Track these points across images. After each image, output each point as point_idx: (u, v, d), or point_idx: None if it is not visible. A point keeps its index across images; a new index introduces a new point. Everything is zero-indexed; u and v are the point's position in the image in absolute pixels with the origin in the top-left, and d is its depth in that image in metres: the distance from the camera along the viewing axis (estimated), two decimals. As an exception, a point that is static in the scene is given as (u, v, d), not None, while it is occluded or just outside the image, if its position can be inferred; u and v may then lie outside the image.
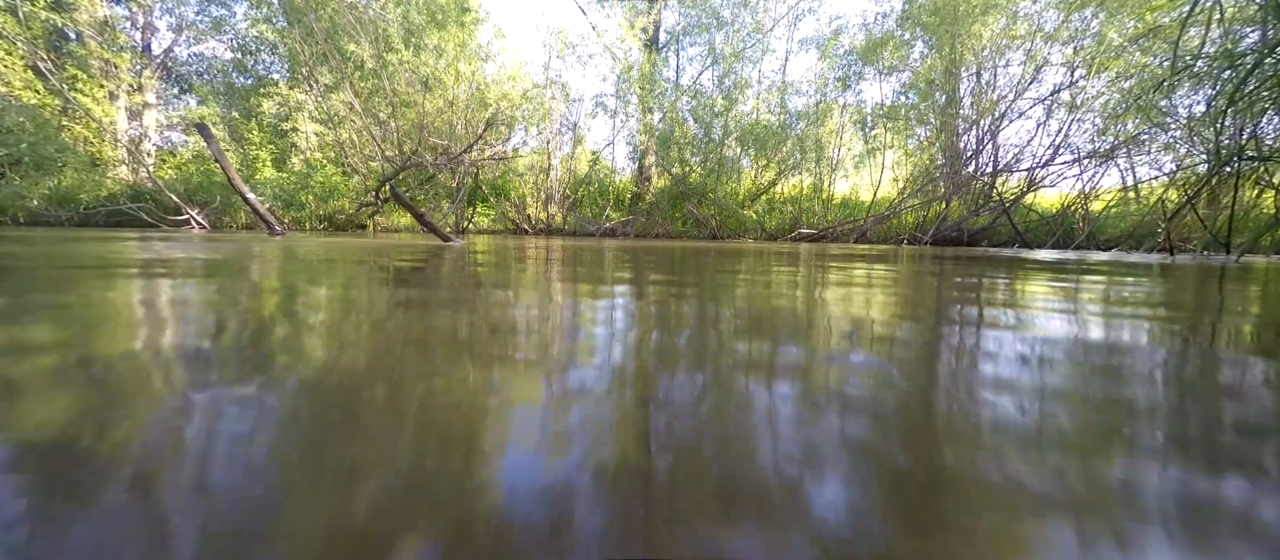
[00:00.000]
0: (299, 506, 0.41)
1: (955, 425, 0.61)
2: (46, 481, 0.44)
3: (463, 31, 11.07)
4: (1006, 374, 0.83)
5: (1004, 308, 1.59)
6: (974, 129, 10.05)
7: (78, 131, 11.95)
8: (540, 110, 11.70)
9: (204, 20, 14.07)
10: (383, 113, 10.86)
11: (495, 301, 1.54)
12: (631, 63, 12.34)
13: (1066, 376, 0.84)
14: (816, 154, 11.64)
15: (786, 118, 12.06)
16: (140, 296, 1.51)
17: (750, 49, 12.31)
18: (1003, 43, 9.61)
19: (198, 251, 3.49)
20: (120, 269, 2.20)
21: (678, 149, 11.79)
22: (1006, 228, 8.93)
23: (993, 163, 9.85)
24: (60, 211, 9.84)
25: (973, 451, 0.53)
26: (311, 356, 0.87)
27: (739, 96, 11.89)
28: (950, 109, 10.12)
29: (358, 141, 11.33)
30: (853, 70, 11.35)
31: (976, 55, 9.74)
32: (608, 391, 0.71)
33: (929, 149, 10.83)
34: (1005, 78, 10.03)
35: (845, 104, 11.75)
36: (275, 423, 0.58)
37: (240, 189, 6.60)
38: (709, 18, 12.44)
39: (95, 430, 0.55)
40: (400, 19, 10.77)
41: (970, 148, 10.16)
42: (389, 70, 10.39)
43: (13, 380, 0.71)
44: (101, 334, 1.01)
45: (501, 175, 12.37)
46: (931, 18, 9.67)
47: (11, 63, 10.92)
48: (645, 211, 11.96)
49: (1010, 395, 0.71)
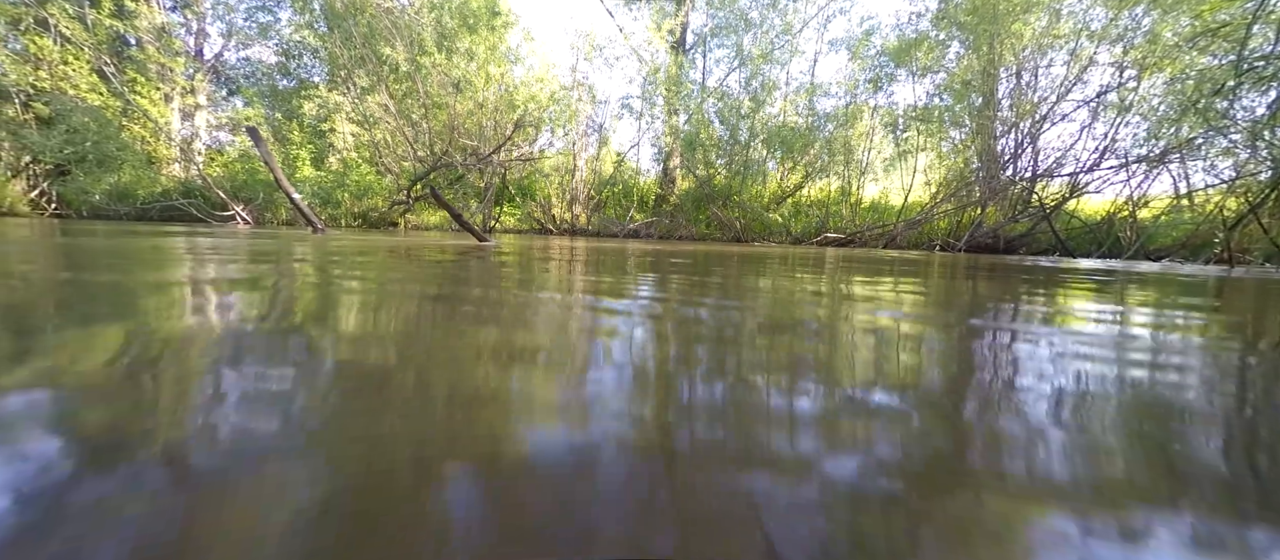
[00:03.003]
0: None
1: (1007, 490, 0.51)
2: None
3: (493, 35, 11.31)
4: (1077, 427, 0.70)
5: (1062, 329, 1.52)
6: (1012, 132, 9.68)
7: (136, 131, 12.71)
8: (567, 112, 11.85)
9: (252, 26, 14.80)
10: (416, 114, 11.19)
11: (549, 286, 1.59)
12: (658, 65, 12.37)
13: (1129, 424, 0.72)
14: (845, 157, 11.41)
15: (814, 120, 11.87)
16: (286, 279, 1.65)
17: (778, 50, 12.16)
18: (1045, 42, 9.23)
19: (269, 246, 3.69)
20: (253, 258, 2.36)
21: (703, 151, 11.74)
22: (1047, 235, 8.56)
23: (1032, 167, 9.46)
24: (119, 206, 10.50)
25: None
26: (447, 325, 1.20)
27: (766, 98, 11.77)
28: (987, 111, 9.77)
29: (391, 142, 11.70)
30: (884, 72, 11.09)
31: (1017, 55, 9.38)
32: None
33: (964, 152, 10.48)
34: (1047, 78, 9.62)
35: (876, 106, 11.49)
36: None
37: (288, 190, 6.90)
38: (737, 19, 12.36)
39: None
40: (434, 23, 11.08)
41: (1008, 151, 9.78)
42: (422, 73, 10.70)
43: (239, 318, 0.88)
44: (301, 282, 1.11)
45: (528, 176, 12.56)
46: (969, 17, 9.36)
47: (79, 67, 11.72)
48: (669, 213, 11.95)
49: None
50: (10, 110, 11.08)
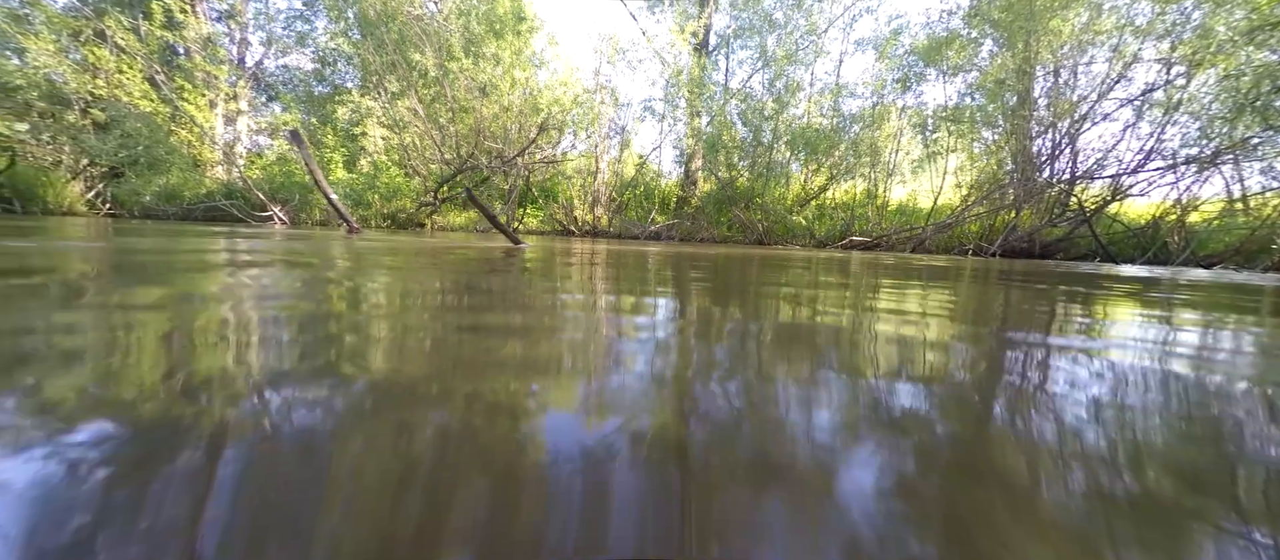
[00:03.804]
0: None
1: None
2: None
3: (518, 39, 11.51)
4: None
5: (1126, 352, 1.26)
6: (1050, 132, 9.32)
7: (183, 136, 13.37)
8: (590, 115, 11.96)
9: (289, 34, 15.42)
10: (443, 118, 11.46)
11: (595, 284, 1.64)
12: (680, 67, 12.37)
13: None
14: (871, 158, 11.18)
15: (840, 121, 11.68)
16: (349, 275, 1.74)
17: (803, 51, 12.01)
18: (1085, 39, 8.86)
19: (318, 249, 3.84)
20: (324, 259, 2.48)
21: (725, 153, 11.68)
22: (1086, 240, 8.21)
23: (1071, 168, 9.10)
24: (167, 206, 11.07)
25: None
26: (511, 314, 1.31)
27: (790, 99, 11.63)
28: (1023, 110, 9.44)
29: (419, 145, 12.01)
30: (913, 71, 10.84)
31: (1054, 53, 9.03)
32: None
33: (997, 153, 10.15)
34: (1087, 76, 9.25)
35: (904, 106, 11.23)
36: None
37: (326, 193, 7.15)
38: (760, 20, 12.26)
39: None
40: (461, 29, 11.34)
41: (1045, 152, 9.43)
42: (450, 78, 10.95)
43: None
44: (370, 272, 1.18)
45: (550, 178, 12.71)
46: (1003, 14, 9.07)
47: (132, 75, 12.42)
48: (690, 215, 11.92)
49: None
50: (71, 116, 11.81)
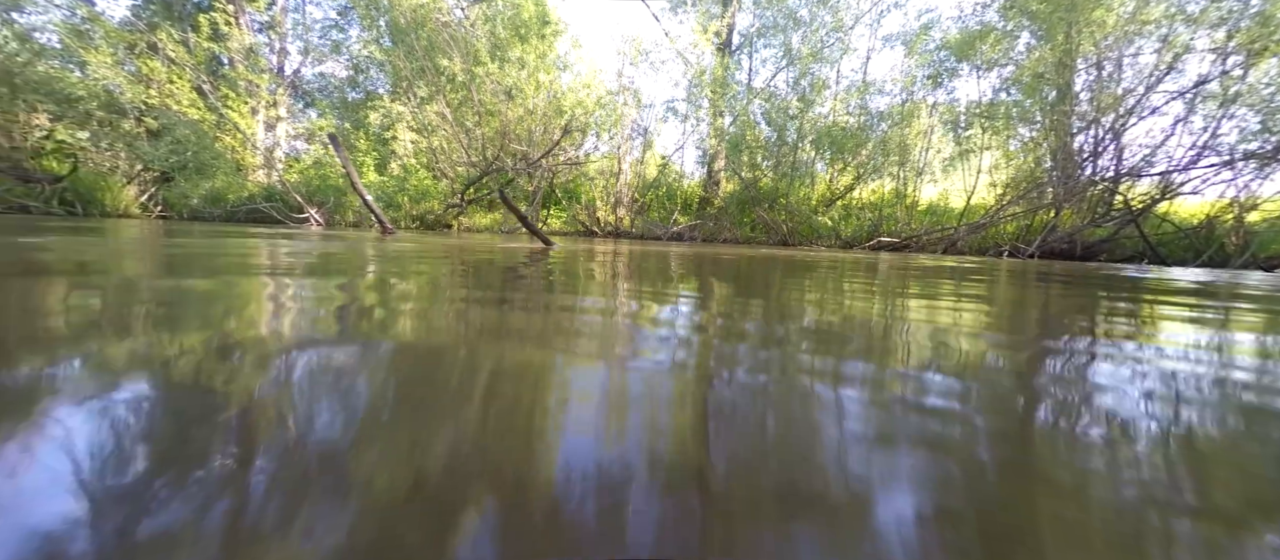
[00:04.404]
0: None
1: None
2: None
3: (543, 43, 11.67)
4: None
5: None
6: (1092, 128, 8.91)
7: (227, 141, 14.05)
8: (612, 116, 12.02)
9: (325, 43, 16.04)
10: (469, 121, 11.71)
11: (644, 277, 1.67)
12: (703, 67, 12.32)
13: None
14: (900, 157, 10.89)
15: (867, 119, 11.43)
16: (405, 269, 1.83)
17: (829, 49, 11.81)
18: (1131, 29, 8.43)
19: (364, 248, 4.00)
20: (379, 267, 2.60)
21: (749, 152, 11.57)
22: (1133, 240, 7.81)
23: (1115, 165, 8.67)
24: (213, 209, 11.64)
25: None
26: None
27: (815, 98, 11.44)
28: (1063, 105, 9.04)
29: (447, 148, 12.30)
30: (945, 67, 10.52)
31: (1098, 44, 8.63)
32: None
33: (1034, 150, 9.75)
34: (1133, 69, 8.79)
35: (935, 103, 10.91)
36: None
37: (363, 195, 7.41)
38: (785, 18, 12.11)
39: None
40: (488, 34, 11.58)
41: (1087, 149, 9.01)
42: (477, 82, 11.19)
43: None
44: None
45: (573, 179, 12.84)
46: (1042, 5, 8.71)
47: (181, 85, 13.13)
48: (713, 216, 11.85)
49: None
50: (127, 125, 12.55)
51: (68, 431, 0.57)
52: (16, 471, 0.48)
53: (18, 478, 0.47)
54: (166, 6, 14.93)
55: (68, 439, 0.55)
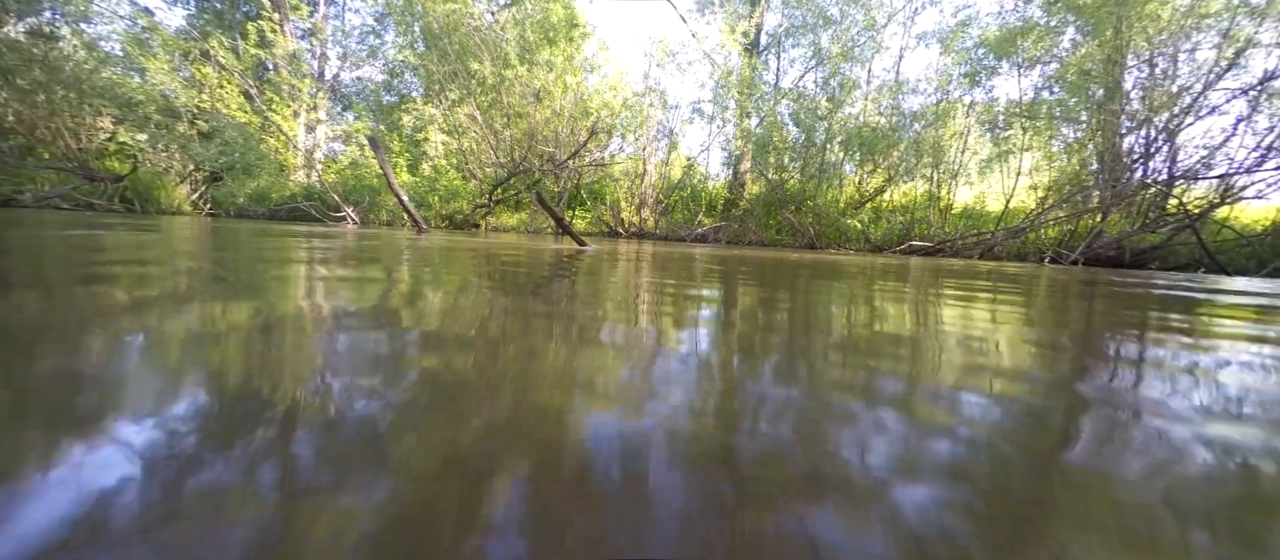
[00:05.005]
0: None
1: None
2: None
3: (570, 46, 11.82)
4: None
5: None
6: (1144, 128, 8.44)
7: (271, 143, 14.73)
8: (638, 117, 12.07)
9: (363, 48, 16.64)
10: (498, 123, 11.95)
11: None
12: (730, 68, 12.24)
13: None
14: (934, 158, 10.57)
15: (899, 119, 11.13)
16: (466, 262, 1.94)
17: (860, 48, 11.56)
18: (1188, 23, 7.96)
19: (402, 245, 4.16)
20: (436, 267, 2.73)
21: (775, 154, 11.43)
22: (1188, 247, 7.36)
23: (1169, 168, 8.20)
24: (257, 207, 12.22)
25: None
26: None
27: (845, 98, 11.22)
28: (1111, 104, 8.60)
29: (476, 149, 12.59)
30: (983, 64, 10.16)
31: (1150, 40, 8.18)
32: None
33: (1079, 152, 9.31)
34: (1190, 65, 8.29)
35: (971, 102, 10.54)
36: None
37: (399, 195, 7.67)
38: (815, 17, 11.92)
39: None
40: (517, 38, 11.79)
41: (1137, 150, 8.55)
42: (506, 84, 11.41)
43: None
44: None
45: (598, 180, 12.94)
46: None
47: (230, 90, 13.86)
48: (738, 218, 11.75)
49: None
50: (181, 127, 13.32)
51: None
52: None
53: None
54: (218, 15, 15.79)
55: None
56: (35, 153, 11.76)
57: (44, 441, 0.53)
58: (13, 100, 11.11)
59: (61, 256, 2.16)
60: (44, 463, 0.49)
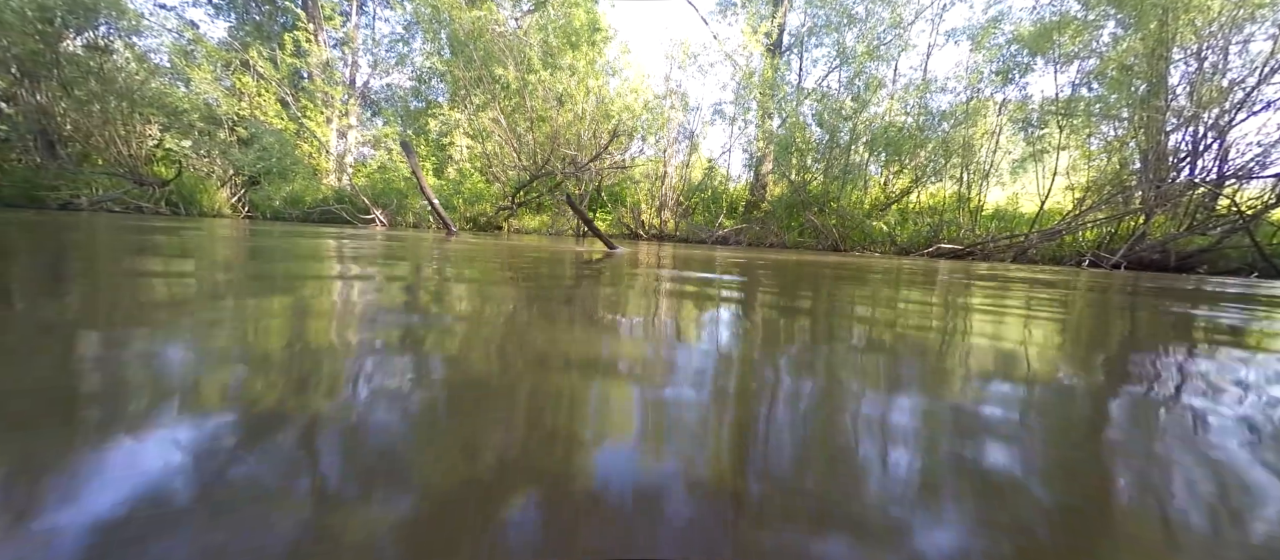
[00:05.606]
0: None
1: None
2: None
3: (593, 49, 11.92)
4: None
5: None
6: (1191, 125, 8.02)
7: (305, 149, 15.30)
8: (659, 120, 12.09)
9: (392, 56, 17.15)
10: (521, 127, 12.14)
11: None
12: (752, 69, 12.16)
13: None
14: (963, 158, 10.26)
15: (926, 118, 10.86)
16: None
17: (886, 46, 11.34)
18: (1241, 15, 7.53)
19: (433, 248, 4.29)
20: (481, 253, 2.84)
21: (798, 155, 11.29)
22: (1239, 250, 6.96)
23: (1218, 167, 7.76)
24: (292, 210, 12.70)
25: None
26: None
27: (871, 97, 11.01)
28: (1155, 101, 8.21)
29: (500, 153, 12.81)
30: (1016, 61, 9.83)
31: (1198, 32, 7.77)
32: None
33: (1119, 151, 8.90)
34: (1242, 58, 7.84)
35: (1003, 100, 10.21)
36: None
37: (431, 199, 7.89)
38: (839, 16, 11.74)
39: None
40: (540, 43, 11.97)
41: (1184, 148, 8.13)
42: (529, 89, 11.59)
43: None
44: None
45: (619, 182, 13.01)
46: (1131, -8, 7.97)
47: (268, 98, 14.47)
48: (760, 220, 11.64)
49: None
50: (222, 134, 13.97)
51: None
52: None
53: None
54: (258, 27, 16.50)
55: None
56: (90, 159, 12.50)
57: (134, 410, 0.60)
58: (71, 110, 11.84)
59: (200, 246, 2.30)
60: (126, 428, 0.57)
